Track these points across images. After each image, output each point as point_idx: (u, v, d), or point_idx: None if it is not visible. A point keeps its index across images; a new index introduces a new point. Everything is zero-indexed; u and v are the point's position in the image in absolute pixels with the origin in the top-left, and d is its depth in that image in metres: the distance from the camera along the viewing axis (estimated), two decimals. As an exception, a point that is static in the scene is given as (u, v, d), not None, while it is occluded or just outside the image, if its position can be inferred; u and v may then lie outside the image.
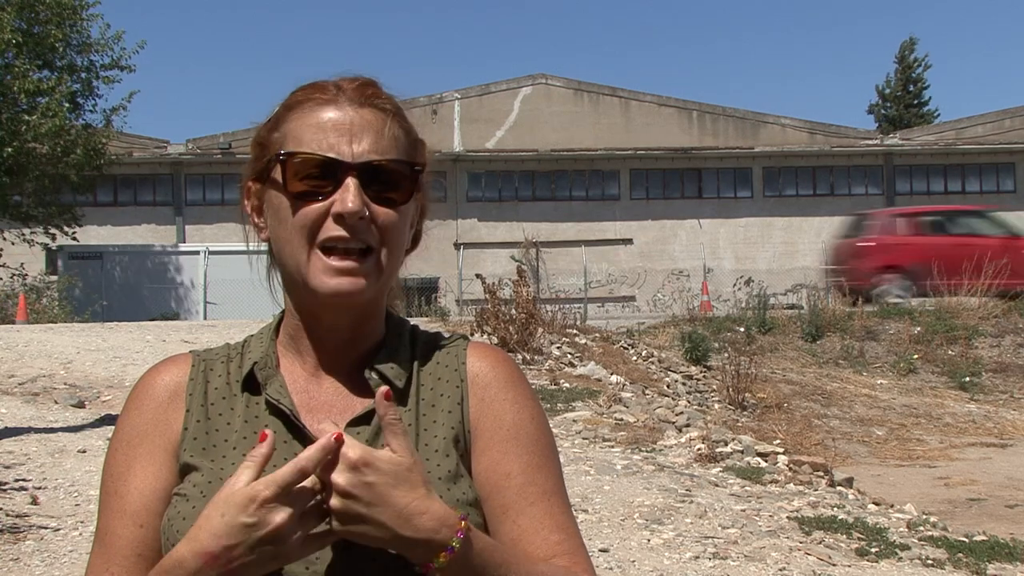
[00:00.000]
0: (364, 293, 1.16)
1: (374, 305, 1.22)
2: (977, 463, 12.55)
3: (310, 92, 1.20)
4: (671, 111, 32.90)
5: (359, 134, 1.16)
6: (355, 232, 1.14)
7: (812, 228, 32.93)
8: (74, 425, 8.15)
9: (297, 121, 1.18)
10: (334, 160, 1.14)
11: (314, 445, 0.99)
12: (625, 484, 6.80)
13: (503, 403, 1.22)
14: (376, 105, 1.19)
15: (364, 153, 1.15)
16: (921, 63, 45.88)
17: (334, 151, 1.15)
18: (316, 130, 1.16)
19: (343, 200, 1.13)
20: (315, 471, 0.99)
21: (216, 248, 23.44)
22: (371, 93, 1.20)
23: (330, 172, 1.15)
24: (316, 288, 1.15)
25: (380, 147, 1.16)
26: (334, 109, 1.17)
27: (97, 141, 20.96)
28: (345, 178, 1.14)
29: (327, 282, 1.15)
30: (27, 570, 4.71)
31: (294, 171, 1.16)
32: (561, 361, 13.13)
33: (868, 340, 19.29)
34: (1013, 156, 33.24)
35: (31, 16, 19.62)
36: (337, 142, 1.15)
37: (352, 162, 1.15)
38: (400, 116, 1.22)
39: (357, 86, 1.20)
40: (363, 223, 1.15)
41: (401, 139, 1.20)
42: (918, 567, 5.36)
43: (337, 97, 1.18)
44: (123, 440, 1.21)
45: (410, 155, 1.21)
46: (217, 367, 1.25)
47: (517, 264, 15.51)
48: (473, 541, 1.04)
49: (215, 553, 0.98)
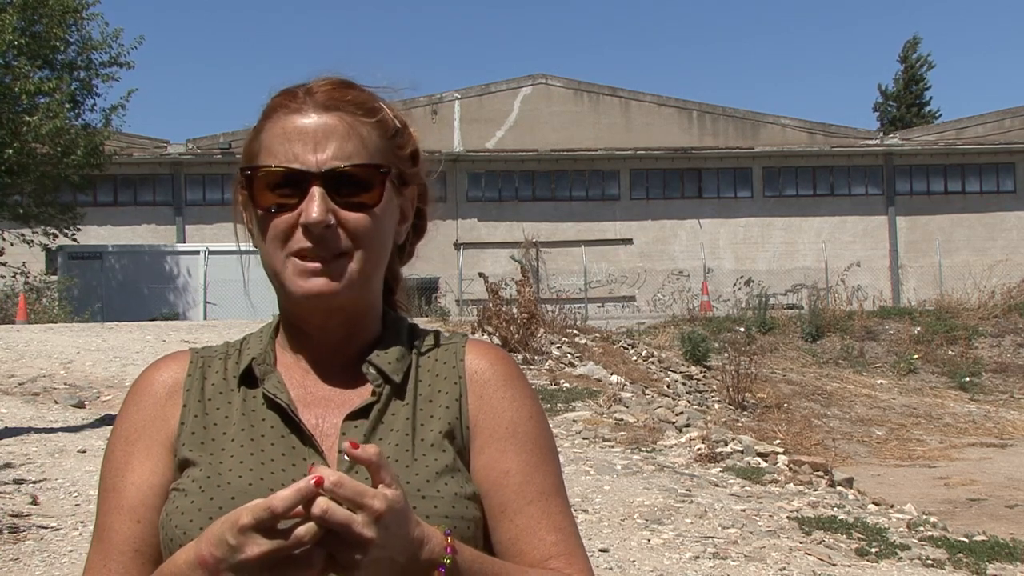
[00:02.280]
0: (339, 295, 1.16)
1: (364, 306, 1.22)
2: (977, 463, 12.56)
3: (282, 99, 1.20)
4: (671, 111, 32.89)
5: (323, 141, 1.15)
6: (323, 242, 1.14)
7: (812, 228, 32.93)
8: (74, 425, 8.15)
9: (269, 131, 1.19)
10: (297, 170, 1.15)
11: (291, 487, 0.94)
12: (625, 484, 6.80)
13: (502, 401, 1.22)
14: (343, 108, 1.18)
15: (327, 160, 1.15)
16: (924, 62, 45.85)
17: (298, 161, 1.15)
18: (282, 140, 1.16)
19: (307, 211, 1.13)
20: (285, 514, 0.93)
21: (216, 248, 23.43)
22: (338, 96, 1.19)
23: (295, 182, 1.15)
24: (291, 291, 1.16)
25: (344, 152, 1.16)
26: (300, 116, 1.17)
27: (98, 141, 20.96)
28: (310, 188, 1.14)
29: (301, 285, 1.15)
30: (27, 570, 4.71)
31: (262, 184, 1.17)
32: (561, 361, 13.13)
33: (868, 340, 19.29)
34: (1013, 156, 33.22)
35: (32, 16, 19.61)
36: (301, 151, 1.15)
37: (315, 171, 1.14)
38: (372, 113, 1.20)
39: (327, 90, 1.19)
40: (331, 232, 1.14)
41: (372, 139, 1.19)
42: (918, 567, 5.36)
43: (304, 104, 1.18)
44: (121, 436, 1.22)
45: (385, 153, 1.20)
46: (215, 364, 1.26)
47: (520, 264, 15.50)
48: (460, 552, 1.04)
49: (207, 559, 0.98)
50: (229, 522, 0.96)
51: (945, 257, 31.62)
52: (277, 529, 0.94)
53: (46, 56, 20.54)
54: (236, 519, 0.95)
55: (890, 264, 33.10)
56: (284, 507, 0.93)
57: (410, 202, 1.27)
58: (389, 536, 0.96)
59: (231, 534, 0.95)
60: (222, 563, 0.96)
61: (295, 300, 1.17)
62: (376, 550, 0.96)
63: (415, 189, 1.28)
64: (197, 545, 1.00)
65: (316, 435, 1.16)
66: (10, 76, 19.21)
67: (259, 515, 0.93)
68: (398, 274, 1.34)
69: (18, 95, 19.15)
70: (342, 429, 1.17)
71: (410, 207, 1.27)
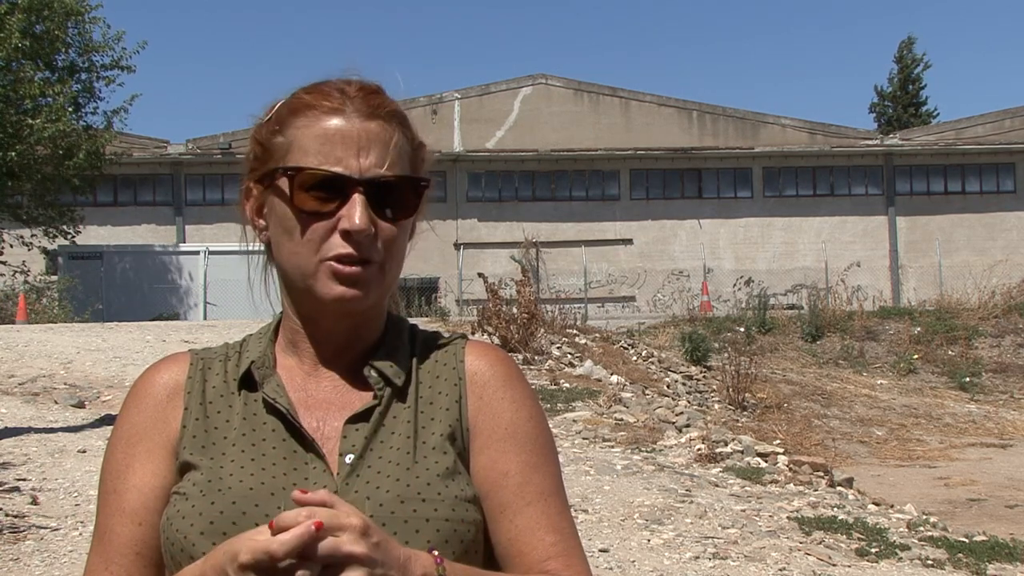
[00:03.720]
0: (365, 301, 1.17)
1: (374, 310, 1.23)
2: (977, 463, 12.56)
3: (316, 98, 1.18)
4: (671, 111, 32.89)
5: (366, 147, 1.15)
6: (361, 248, 1.14)
7: (812, 228, 32.93)
8: (74, 425, 8.15)
9: (303, 129, 1.17)
10: (341, 176, 1.14)
11: (291, 532, 0.94)
12: (625, 484, 6.80)
13: (501, 402, 1.22)
14: (382, 116, 1.18)
15: (371, 168, 1.15)
16: (920, 62, 45.83)
17: (341, 165, 1.14)
18: (323, 141, 1.15)
19: (350, 217, 1.13)
20: (285, 558, 0.93)
21: (216, 248, 23.44)
22: (377, 103, 1.18)
23: (337, 187, 1.14)
24: (322, 295, 1.16)
25: (386, 161, 1.16)
26: (341, 119, 1.16)
27: (99, 144, 20.96)
28: (352, 194, 1.14)
29: (333, 288, 1.15)
30: (27, 570, 4.71)
31: (301, 185, 1.15)
32: (561, 361, 13.13)
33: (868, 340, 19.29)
34: (1013, 156, 33.22)
35: (34, 18, 19.61)
36: (344, 156, 1.14)
37: (359, 178, 1.14)
38: (404, 124, 1.21)
39: (364, 95, 1.19)
40: (368, 239, 1.15)
41: (406, 150, 1.20)
42: (918, 567, 5.36)
43: (343, 106, 1.17)
44: (122, 438, 1.21)
45: (415, 166, 1.21)
46: (215, 366, 1.25)
47: (520, 264, 15.50)
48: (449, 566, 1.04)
49: None
50: (230, 554, 0.97)
51: (945, 257, 31.62)
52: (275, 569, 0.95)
53: (48, 58, 20.55)
54: (236, 554, 0.96)
55: (890, 264, 33.10)
56: (284, 552, 0.94)
57: (419, 215, 1.27)
58: (379, 551, 0.97)
59: (231, 567, 0.96)
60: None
61: (323, 303, 1.17)
62: (375, 568, 0.96)
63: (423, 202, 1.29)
64: (203, 566, 1.01)
65: (317, 439, 1.16)
66: (13, 79, 19.21)
67: (258, 557, 0.94)
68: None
69: (21, 98, 19.16)
70: (343, 432, 1.17)
71: (417, 219, 1.27)
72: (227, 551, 0.97)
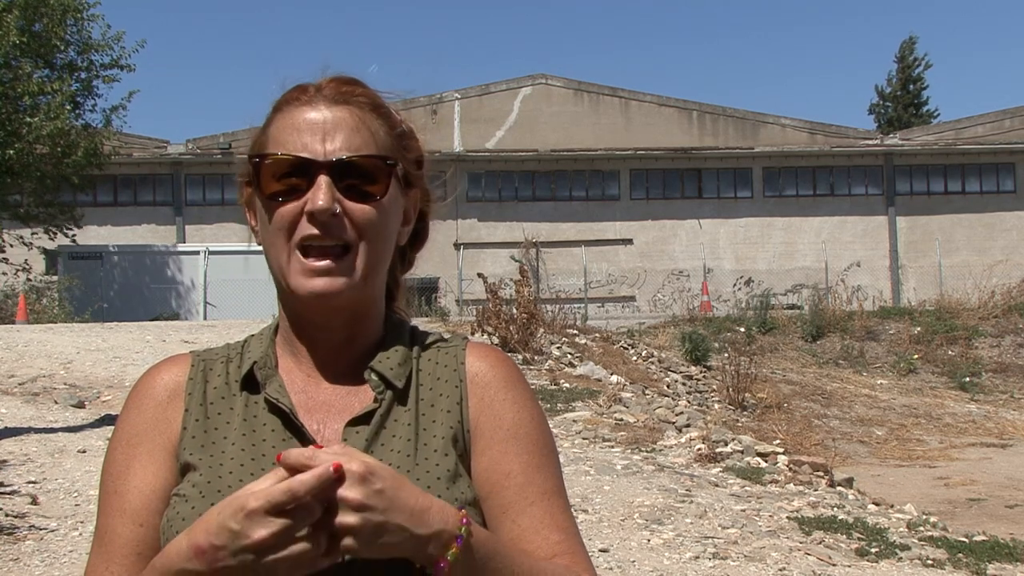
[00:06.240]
0: (343, 293, 1.16)
1: (367, 305, 1.22)
2: (977, 463, 12.55)
3: (294, 93, 1.22)
4: (671, 111, 32.88)
5: (332, 132, 1.17)
6: (329, 230, 1.15)
7: (812, 228, 32.92)
8: (74, 425, 8.15)
9: (278, 123, 1.20)
10: (304, 159, 1.15)
11: (311, 472, 0.95)
12: (625, 484, 6.80)
13: (503, 403, 1.22)
14: (352, 102, 1.20)
15: (336, 151, 1.16)
16: (921, 62, 45.83)
17: (306, 150, 1.16)
18: (292, 131, 1.18)
19: (314, 198, 1.14)
20: (306, 497, 0.94)
21: (216, 248, 23.44)
22: (347, 91, 1.21)
23: (303, 171, 1.16)
24: (295, 289, 1.16)
25: (353, 144, 1.17)
26: (310, 109, 1.19)
27: (98, 142, 20.95)
28: (317, 176, 1.15)
29: (305, 283, 1.15)
30: (27, 570, 4.71)
31: (269, 172, 1.17)
32: (561, 361, 13.12)
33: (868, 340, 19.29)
34: (1013, 156, 33.21)
35: (32, 16, 19.60)
36: (310, 141, 1.16)
37: (323, 160, 1.15)
38: (381, 111, 1.22)
39: (336, 85, 1.21)
40: (337, 220, 1.15)
41: (380, 134, 1.20)
42: (918, 567, 5.36)
43: (314, 97, 1.20)
44: (123, 439, 1.22)
45: (392, 149, 1.21)
46: (216, 367, 1.25)
47: (519, 264, 15.48)
48: (474, 531, 1.04)
49: (204, 548, 0.98)
50: (231, 508, 0.96)
51: (945, 257, 31.61)
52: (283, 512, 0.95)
53: (46, 56, 20.53)
54: (241, 505, 0.95)
55: (890, 264, 33.09)
56: (305, 490, 0.94)
57: (413, 205, 1.28)
58: (386, 500, 0.97)
59: (235, 520, 0.95)
60: (223, 550, 0.96)
61: (299, 298, 1.17)
62: (371, 514, 0.96)
63: (418, 193, 1.28)
64: (189, 536, 1.00)
65: (318, 441, 1.16)
66: (11, 76, 19.20)
67: (276, 499, 0.94)
68: (400, 280, 1.34)
69: (20, 96, 19.14)
70: (344, 435, 1.16)
71: (413, 210, 1.28)
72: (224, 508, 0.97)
